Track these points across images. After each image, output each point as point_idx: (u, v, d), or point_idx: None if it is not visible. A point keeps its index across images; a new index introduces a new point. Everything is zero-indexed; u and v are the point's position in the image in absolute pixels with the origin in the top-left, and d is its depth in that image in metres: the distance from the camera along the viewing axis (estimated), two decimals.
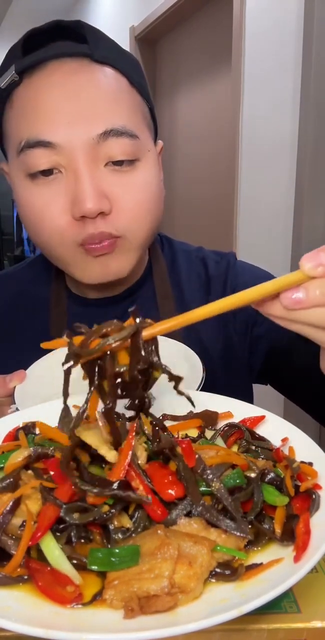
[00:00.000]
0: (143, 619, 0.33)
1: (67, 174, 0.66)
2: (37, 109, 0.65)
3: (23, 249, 5.77)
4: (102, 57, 0.67)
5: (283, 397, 0.90)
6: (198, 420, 0.56)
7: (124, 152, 0.67)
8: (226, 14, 2.35)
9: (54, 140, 0.64)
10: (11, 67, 0.67)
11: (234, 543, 0.39)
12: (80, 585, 0.36)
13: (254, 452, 0.51)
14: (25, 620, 0.32)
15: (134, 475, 0.41)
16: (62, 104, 0.65)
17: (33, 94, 0.66)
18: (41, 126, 0.64)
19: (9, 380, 0.68)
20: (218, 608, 0.34)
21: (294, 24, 1.94)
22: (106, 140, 0.65)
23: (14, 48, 0.70)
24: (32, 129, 0.65)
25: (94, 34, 0.70)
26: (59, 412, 0.59)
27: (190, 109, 2.92)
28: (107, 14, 3.62)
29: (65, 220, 0.68)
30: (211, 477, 0.42)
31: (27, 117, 0.66)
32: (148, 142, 0.73)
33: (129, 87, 0.70)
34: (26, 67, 0.66)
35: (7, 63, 0.69)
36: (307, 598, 0.39)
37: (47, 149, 0.65)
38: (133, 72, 0.72)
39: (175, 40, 2.98)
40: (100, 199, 0.66)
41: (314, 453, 0.48)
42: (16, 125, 0.68)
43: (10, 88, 0.68)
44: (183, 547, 0.37)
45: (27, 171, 0.67)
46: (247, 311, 0.84)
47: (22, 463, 0.45)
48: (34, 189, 0.68)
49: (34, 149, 0.65)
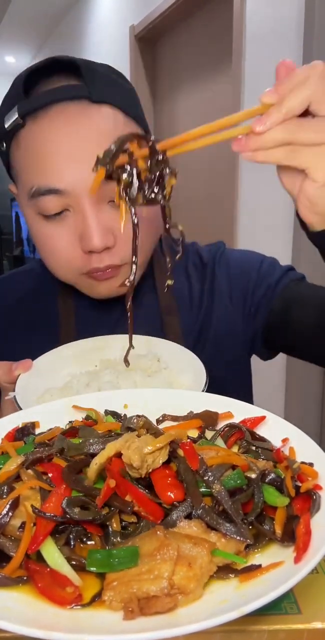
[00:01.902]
0: (143, 620, 0.33)
1: (75, 213, 0.73)
2: (44, 157, 0.71)
3: (22, 249, 5.77)
4: (99, 97, 0.72)
5: (283, 397, 0.91)
6: (198, 420, 0.56)
7: None
8: (226, 14, 2.35)
9: (62, 187, 0.71)
10: (14, 109, 0.72)
11: (234, 546, 0.39)
12: (79, 587, 0.36)
13: (255, 452, 0.51)
14: (24, 621, 0.32)
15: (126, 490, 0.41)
16: (66, 152, 0.70)
17: (38, 140, 0.72)
18: (49, 174, 0.71)
19: (14, 368, 0.72)
20: (218, 609, 0.33)
21: (294, 24, 1.94)
22: (108, 182, 0.69)
23: (16, 85, 0.74)
24: (41, 178, 0.71)
25: (90, 71, 0.73)
26: (59, 412, 0.59)
27: (190, 109, 2.92)
28: (107, 13, 3.62)
29: (74, 254, 0.75)
30: (212, 479, 0.42)
31: (34, 163, 0.72)
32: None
33: (125, 119, 0.75)
34: (29, 111, 0.71)
35: (9, 102, 0.74)
36: (308, 599, 0.39)
37: (57, 195, 0.71)
38: (128, 102, 0.77)
39: (175, 40, 2.98)
40: (105, 235, 0.73)
41: (314, 453, 0.48)
42: (25, 168, 0.74)
43: (15, 130, 0.73)
44: (183, 549, 0.37)
45: (39, 212, 0.74)
46: (241, 283, 0.90)
47: (15, 471, 0.45)
48: (46, 225, 0.75)
49: (44, 196, 0.72)
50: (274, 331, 0.88)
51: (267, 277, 0.89)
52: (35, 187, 0.72)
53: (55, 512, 0.39)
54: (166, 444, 0.43)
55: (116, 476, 0.41)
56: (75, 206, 0.73)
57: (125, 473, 0.43)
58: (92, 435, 0.51)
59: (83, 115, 0.71)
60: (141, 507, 0.40)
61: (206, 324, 0.89)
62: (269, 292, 0.87)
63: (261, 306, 0.88)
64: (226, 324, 0.90)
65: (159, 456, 0.43)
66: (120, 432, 0.51)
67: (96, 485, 0.43)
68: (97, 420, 0.57)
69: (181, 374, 0.73)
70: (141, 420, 0.51)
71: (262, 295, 0.88)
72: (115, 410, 0.60)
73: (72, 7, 4.23)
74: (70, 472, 0.43)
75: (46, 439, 0.52)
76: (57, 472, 0.44)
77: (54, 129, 0.71)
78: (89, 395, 0.63)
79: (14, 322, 0.91)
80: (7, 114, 0.73)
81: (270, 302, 0.87)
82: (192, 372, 0.71)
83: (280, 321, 0.86)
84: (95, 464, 0.43)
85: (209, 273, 0.92)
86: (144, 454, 0.42)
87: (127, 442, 0.43)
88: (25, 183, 0.74)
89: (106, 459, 0.43)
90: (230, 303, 0.90)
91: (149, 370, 0.73)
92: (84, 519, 0.39)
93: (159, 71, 3.21)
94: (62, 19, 4.49)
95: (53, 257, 0.78)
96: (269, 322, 0.88)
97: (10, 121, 0.72)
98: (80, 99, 0.71)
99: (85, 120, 0.71)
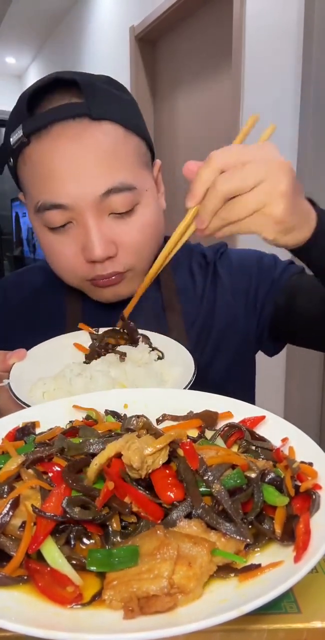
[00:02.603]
0: (143, 619, 0.33)
1: (78, 225, 0.78)
2: (48, 174, 0.75)
3: (22, 249, 5.77)
4: (99, 114, 0.75)
5: (283, 397, 0.92)
6: (198, 420, 0.56)
7: (124, 204, 0.77)
8: (226, 14, 2.35)
9: (65, 202, 0.75)
10: (19, 127, 0.76)
11: (234, 546, 0.39)
12: (79, 586, 0.36)
13: (254, 452, 0.51)
14: (24, 620, 0.32)
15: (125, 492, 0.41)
16: (68, 169, 0.74)
17: (41, 158, 0.76)
18: (53, 191, 0.75)
19: (9, 357, 0.74)
20: (218, 608, 0.33)
21: (294, 23, 1.94)
22: (108, 197, 0.75)
23: (20, 103, 0.78)
24: (46, 194, 0.76)
25: (90, 87, 0.75)
26: (59, 412, 0.59)
27: (190, 109, 2.92)
28: (107, 14, 3.62)
29: (78, 262, 0.80)
30: (212, 479, 0.42)
31: (39, 180, 0.77)
32: (146, 182, 0.81)
33: (125, 133, 0.78)
34: (33, 130, 0.75)
35: (15, 120, 0.78)
36: (307, 598, 0.39)
37: (60, 210, 0.76)
38: (128, 115, 0.79)
39: (175, 40, 2.98)
40: (107, 246, 0.77)
41: (314, 453, 0.48)
42: (31, 184, 0.79)
43: (20, 147, 0.77)
44: (182, 548, 0.37)
45: (45, 224, 0.79)
46: (243, 279, 0.93)
47: (15, 471, 0.45)
48: (51, 236, 0.80)
49: (49, 211, 0.77)
50: (280, 323, 0.91)
51: (269, 272, 0.92)
52: (40, 202, 0.77)
53: (55, 511, 0.39)
54: (166, 445, 0.44)
55: (115, 478, 0.41)
56: (78, 219, 0.77)
57: (125, 474, 0.43)
58: (93, 435, 0.51)
59: (83, 133, 0.74)
60: (141, 507, 0.41)
61: (209, 320, 0.91)
62: (273, 287, 0.90)
63: (267, 301, 0.91)
64: (228, 319, 0.91)
65: (159, 457, 0.43)
66: (121, 432, 0.51)
67: (96, 485, 0.43)
68: (97, 420, 0.57)
69: (172, 366, 0.75)
70: (141, 422, 0.51)
71: (267, 291, 0.91)
72: (115, 410, 0.60)
73: (72, 8, 4.23)
74: (70, 472, 0.43)
75: (46, 439, 0.52)
76: (58, 471, 0.44)
77: (56, 148, 0.74)
78: (89, 395, 0.63)
79: (22, 319, 0.93)
80: (13, 132, 0.77)
81: (276, 296, 0.90)
82: (182, 364, 0.74)
83: (285, 312, 0.89)
84: (95, 464, 0.43)
85: (212, 270, 0.95)
86: (144, 455, 0.42)
87: (128, 443, 0.43)
88: (32, 198, 0.79)
89: (106, 460, 0.43)
90: (233, 298, 0.92)
91: (140, 362, 0.75)
92: (84, 519, 0.39)
93: (159, 71, 3.21)
94: (62, 19, 4.49)
95: (59, 264, 0.83)
96: (275, 315, 0.91)
97: (15, 139, 0.77)
98: (81, 116, 0.74)
99: (85, 138, 0.74)
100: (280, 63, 2.04)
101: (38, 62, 5.49)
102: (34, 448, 0.50)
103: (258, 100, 2.20)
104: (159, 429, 0.52)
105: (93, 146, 0.74)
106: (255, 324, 0.93)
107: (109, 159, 0.75)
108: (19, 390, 0.67)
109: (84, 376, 0.70)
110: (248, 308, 0.92)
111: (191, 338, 0.85)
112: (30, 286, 0.98)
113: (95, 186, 0.74)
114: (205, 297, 0.92)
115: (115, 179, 0.75)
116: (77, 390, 0.68)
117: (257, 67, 2.18)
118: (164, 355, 0.79)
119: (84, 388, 0.68)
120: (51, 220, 0.77)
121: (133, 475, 0.43)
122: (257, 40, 2.16)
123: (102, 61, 3.79)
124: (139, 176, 0.79)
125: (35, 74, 5.58)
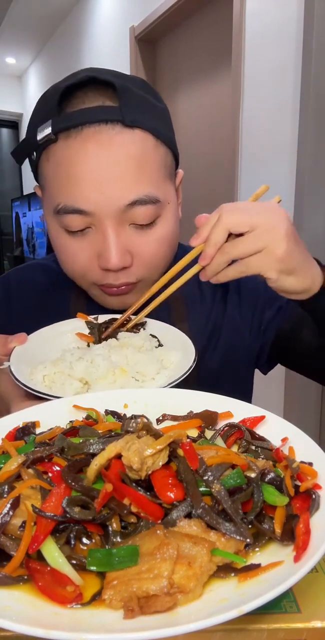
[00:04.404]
0: (143, 619, 0.33)
1: (97, 231, 0.76)
2: (73, 177, 0.72)
3: (22, 249, 5.77)
4: (132, 121, 0.72)
5: (283, 397, 0.93)
6: (198, 420, 0.56)
7: (146, 216, 0.76)
8: (226, 14, 2.35)
9: (88, 209, 0.73)
10: (48, 123, 0.73)
11: (234, 546, 0.39)
12: (79, 586, 0.36)
13: (254, 452, 0.51)
14: (25, 620, 0.32)
15: (124, 493, 0.41)
16: (95, 175, 0.72)
17: (68, 159, 0.73)
18: (76, 195, 0.73)
19: (10, 340, 0.75)
20: (218, 608, 0.33)
21: (294, 24, 1.95)
22: (132, 208, 0.74)
23: (50, 98, 0.75)
24: (68, 197, 0.73)
25: (125, 92, 0.73)
26: (59, 412, 0.59)
27: (190, 109, 2.92)
28: (107, 14, 3.62)
29: (91, 267, 0.79)
30: (211, 479, 0.42)
31: (63, 181, 0.74)
32: (169, 194, 0.80)
33: (155, 143, 0.76)
34: (62, 129, 0.72)
35: (43, 114, 0.75)
36: (307, 598, 0.39)
37: (81, 215, 0.74)
38: (159, 124, 0.77)
39: (175, 40, 2.98)
40: (123, 256, 0.76)
41: (313, 453, 0.48)
42: (53, 183, 0.76)
43: (47, 143, 0.74)
44: (182, 548, 0.37)
45: (63, 227, 0.77)
46: (251, 298, 0.94)
47: (15, 471, 0.45)
48: (68, 238, 0.78)
49: (70, 215, 0.74)
50: (280, 349, 0.93)
51: (276, 298, 0.92)
52: (61, 204, 0.74)
53: (55, 511, 0.39)
54: (166, 446, 0.44)
55: (113, 480, 0.41)
56: (98, 225, 0.75)
57: (125, 476, 0.43)
58: (93, 435, 0.51)
59: (114, 139, 0.72)
60: (140, 508, 0.40)
61: (216, 333, 0.92)
62: (279, 314, 0.92)
63: (270, 326, 0.92)
64: (235, 335, 0.92)
65: (158, 458, 0.43)
66: (121, 433, 0.51)
67: (96, 485, 0.43)
68: (97, 420, 0.57)
69: (172, 352, 0.76)
70: (140, 423, 0.51)
71: (273, 316, 0.92)
72: (115, 410, 0.60)
73: (72, 8, 4.23)
74: (70, 472, 0.43)
75: (47, 439, 0.52)
76: (58, 471, 0.44)
77: (85, 151, 0.72)
78: (90, 395, 0.63)
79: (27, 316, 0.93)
80: (40, 126, 0.74)
81: (281, 323, 0.91)
82: (182, 350, 0.75)
83: (287, 340, 0.90)
84: (95, 465, 0.43)
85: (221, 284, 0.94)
86: (144, 456, 0.42)
87: (128, 444, 0.43)
88: (52, 197, 0.76)
89: (106, 460, 0.43)
90: (239, 314, 0.93)
91: (142, 348, 0.76)
92: (84, 519, 0.39)
93: (159, 71, 3.21)
94: (63, 20, 4.49)
95: (72, 266, 0.81)
96: (277, 340, 0.92)
97: (43, 134, 0.73)
98: (114, 122, 0.72)
99: (116, 145, 0.72)
100: (280, 63, 2.04)
101: (38, 62, 5.49)
102: (34, 448, 0.50)
103: (258, 100, 2.20)
104: (159, 430, 0.52)
105: (122, 154, 0.72)
106: (258, 345, 0.94)
107: (136, 169, 0.73)
108: (19, 373, 0.67)
109: (85, 360, 0.70)
110: (253, 327, 0.93)
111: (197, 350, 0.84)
112: (35, 284, 0.97)
113: (121, 197, 0.72)
114: (214, 310, 0.92)
115: (141, 191, 0.73)
116: (77, 374, 0.69)
117: (257, 67, 2.18)
118: (164, 341, 0.79)
119: (85, 372, 0.69)
120: (70, 224, 0.76)
121: (133, 476, 0.43)
122: (257, 40, 2.16)
123: (102, 61, 3.79)
124: (163, 189, 0.78)
125: (35, 74, 5.58)
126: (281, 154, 2.07)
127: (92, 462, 0.43)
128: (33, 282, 0.97)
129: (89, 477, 0.43)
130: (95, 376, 0.68)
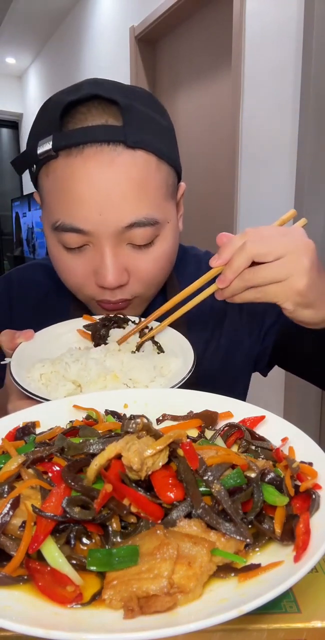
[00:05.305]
0: (143, 619, 0.33)
1: (94, 249, 0.76)
2: (72, 195, 0.72)
3: (22, 249, 5.77)
4: (135, 142, 0.71)
5: (283, 397, 0.93)
6: (198, 420, 0.56)
7: (144, 238, 0.75)
8: (226, 14, 2.35)
9: (86, 228, 0.73)
10: (49, 138, 0.71)
11: (234, 546, 0.39)
12: (79, 586, 0.36)
13: (254, 452, 0.51)
14: (24, 620, 0.32)
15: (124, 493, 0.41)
16: (95, 196, 0.71)
17: (68, 177, 0.72)
18: (75, 214, 0.72)
19: (17, 336, 0.76)
20: (218, 608, 0.33)
21: (294, 24, 1.95)
22: (130, 229, 0.74)
23: (51, 113, 0.73)
24: (67, 215, 0.73)
25: (129, 111, 0.72)
26: (60, 412, 0.59)
27: (190, 109, 2.92)
28: (107, 14, 3.62)
29: (87, 282, 0.79)
30: (211, 479, 0.42)
31: (62, 198, 0.73)
32: (169, 214, 0.79)
33: (157, 163, 0.75)
34: (64, 147, 0.71)
35: (43, 128, 0.74)
36: (307, 598, 0.39)
37: (79, 234, 0.74)
38: (162, 143, 0.76)
39: (175, 40, 2.98)
40: (120, 274, 0.76)
41: (313, 453, 0.48)
42: (52, 199, 0.75)
43: (47, 159, 0.73)
44: (182, 548, 0.37)
45: (61, 242, 0.77)
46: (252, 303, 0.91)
47: (15, 471, 0.45)
48: (65, 254, 0.78)
49: (68, 233, 0.74)
50: (280, 354, 0.93)
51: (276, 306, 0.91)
52: (59, 222, 0.74)
53: (55, 511, 0.39)
54: (166, 446, 0.44)
55: (112, 480, 0.41)
56: (95, 243, 0.75)
57: (124, 476, 0.43)
58: (93, 435, 0.51)
59: (116, 160, 0.71)
60: (140, 508, 0.40)
61: (216, 335, 0.92)
62: (279, 320, 0.92)
63: (271, 331, 0.92)
64: (234, 340, 0.92)
65: (158, 458, 0.43)
66: (120, 433, 0.51)
67: (96, 485, 0.43)
68: (97, 420, 0.57)
69: (172, 359, 0.75)
70: (140, 424, 0.51)
71: (273, 322, 0.92)
72: (115, 410, 0.60)
73: (72, 8, 4.23)
74: (70, 472, 0.43)
75: (47, 439, 0.52)
76: (57, 471, 0.44)
77: (85, 171, 0.71)
78: (90, 395, 0.63)
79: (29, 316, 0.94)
80: (41, 140, 0.73)
81: (281, 329, 0.91)
82: (183, 357, 0.75)
83: (287, 346, 0.91)
84: (95, 465, 0.43)
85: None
86: (144, 456, 0.42)
87: (128, 444, 0.43)
88: (51, 213, 0.76)
89: (106, 460, 0.43)
90: (240, 320, 0.93)
91: (140, 354, 0.75)
92: (84, 519, 0.39)
93: (159, 71, 3.21)
94: (63, 20, 4.49)
95: (69, 280, 0.81)
96: (277, 346, 0.92)
97: (43, 149, 0.72)
98: (116, 142, 0.71)
99: (117, 166, 0.71)
100: (280, 63, 2.04)
101: (38, 63, 5.49)
102: (34, 448, 0.50)
103: (258, 100, 2.20)
104: (159, 430, 0.52)
105: (123, 176, 0.71)
106: (257, 350, 0.94)
107: (136, 190, 0.72)
108: (20, 370, 0.68)
109: (79, 362, 0.70)
110: (253, 333, 0.93)
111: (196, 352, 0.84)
112: (36, 284, 0.97)
113: (119, 218, 0.72)
114: (214, 311, 0.92)
115: (140, 214, 0.73)
116: (71, 376, 0.69)
117: (257, 67, 2.18)
118: (166, 348, 0.79)
119: (77, 374, 0.69)
120: (68, 242, 0.76)
121: (133, 476, 0.43)
122: (257, 40, 2.16)
123: (102, 61, 3.79)
124: (163, 209, 0.77)
125: (35, 74, 5.58)
126: (281, 154, 2.07)
127: (92, 462, 0.43)
128: (35, 282, 0.97)
129: (88, 477, 0.43)
130: (87, 380, 0.68)
